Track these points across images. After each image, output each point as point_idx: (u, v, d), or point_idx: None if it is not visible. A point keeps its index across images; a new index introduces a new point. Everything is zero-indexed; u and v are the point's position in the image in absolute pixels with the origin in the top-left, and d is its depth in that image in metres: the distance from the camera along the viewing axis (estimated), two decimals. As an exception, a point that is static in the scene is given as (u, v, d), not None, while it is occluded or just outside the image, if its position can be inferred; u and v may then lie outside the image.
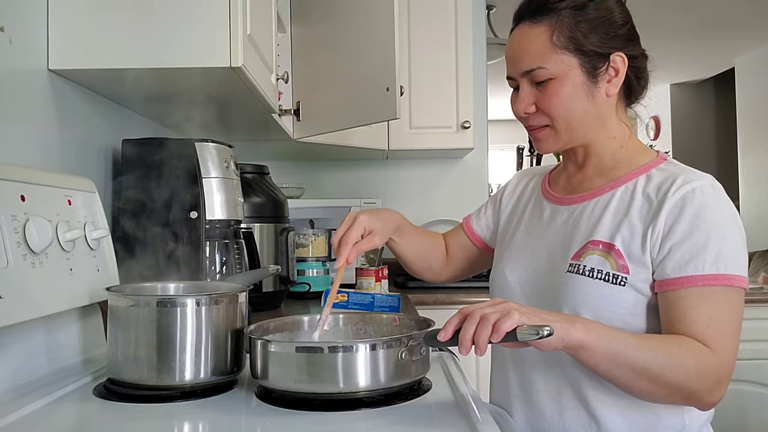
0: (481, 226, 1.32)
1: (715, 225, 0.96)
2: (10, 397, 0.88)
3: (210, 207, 1.44)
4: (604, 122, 1.07)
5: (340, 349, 0.84)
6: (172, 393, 0.90)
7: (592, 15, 1.03)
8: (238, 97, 1.50)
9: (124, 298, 0.93)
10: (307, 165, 2.92)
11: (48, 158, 1.23)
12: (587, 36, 1.03)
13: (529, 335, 0.79)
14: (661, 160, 1.07)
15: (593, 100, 1.05)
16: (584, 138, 1.08)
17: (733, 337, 0.96)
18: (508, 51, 1.09)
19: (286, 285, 1.94)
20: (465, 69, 2.59)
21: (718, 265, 0.94)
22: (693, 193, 0.98)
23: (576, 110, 1.05)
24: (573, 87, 1.03)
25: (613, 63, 1.04)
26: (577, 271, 1.02)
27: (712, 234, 0.95)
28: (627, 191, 1.05)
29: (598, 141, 1.09)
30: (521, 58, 1.06)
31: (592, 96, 1.04)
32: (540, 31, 1.03)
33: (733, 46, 5.35)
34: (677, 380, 0.91)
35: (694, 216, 0.96)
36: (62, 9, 1.21)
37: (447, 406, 0.87)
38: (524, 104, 1.07)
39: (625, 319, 0.99)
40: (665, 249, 0.97)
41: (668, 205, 0.98)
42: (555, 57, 1.03)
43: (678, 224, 0.97)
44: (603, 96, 1.05)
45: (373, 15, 1.75)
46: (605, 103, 1.06)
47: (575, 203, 1.11)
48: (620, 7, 1.07)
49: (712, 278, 0.94)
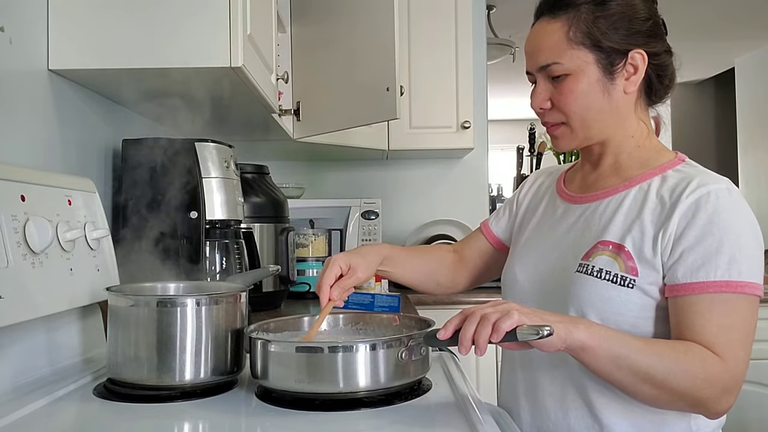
0: (500, 227, 1.30)
1: (729, 230, 0.93)
2: (10, 397, 0.88)
3: (210, 207, 1.44)
4: (621, 120, 1.05)
5: (340, 349, 0.84)
6: (172, 393, 0.90)
7: (612, 11, 1.01)
8: (238, 97, 1.50)
9: (125, 298, 0.93)
10: (307, 165, 2.92)
11: (48, 158, 1.23)
12: (605, 32, 1.01)
13: (529, 335, 0.79)
14: (678, 161, 1.04)
15: (609, 97, 1.03)
16: (600, 135, 1.06)
17: (743, 345, 0.93)
18: (527, 46, 1.08)
19: (286, 285, 1.94)
20: (465, 69, 2.59)
21: (731, 271, 0.92)
22: (708, 196, 0.95)
23: (591, 107, 1.03)
24: (588, 83, 1.02)
25: (632, 60, 1.02)
26: (586, 272, 1.01)
27: (725, 239, 0.93)
28: (641, 192, 1.02)
29: (615, 139, 1.07)
30: (538, 53, 1.05)
31: (608, 93, 1.03)
32: (557, 26, 1.03)
33: (733, 46, 5.35)
34: (682, 387, 0.89)
35: (708, 220, 0.94)
36: (62, 9, 1.21)
37: (447, 406, 0.87)
38: (539, 99, 1.06)
39: (632, 321, 0.97)
40: (676, 253, 0.95)
41: (681, 208, 0.96)
42: (571, 52, 1.01)
43: (690, 228, 0.94)
44: (620, 93, 1.03)
45: (373, 15, 1.75)
46: (622, 100, 1.04)
47: (588, 202, 1.09)
48: (645, 3, 1.04)
49: (723, 285, 0.92)
